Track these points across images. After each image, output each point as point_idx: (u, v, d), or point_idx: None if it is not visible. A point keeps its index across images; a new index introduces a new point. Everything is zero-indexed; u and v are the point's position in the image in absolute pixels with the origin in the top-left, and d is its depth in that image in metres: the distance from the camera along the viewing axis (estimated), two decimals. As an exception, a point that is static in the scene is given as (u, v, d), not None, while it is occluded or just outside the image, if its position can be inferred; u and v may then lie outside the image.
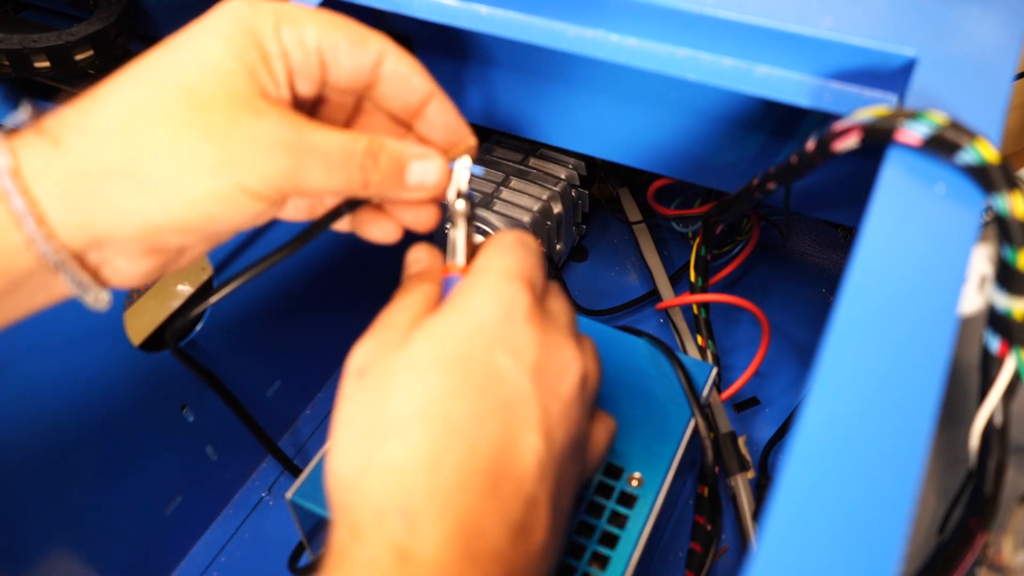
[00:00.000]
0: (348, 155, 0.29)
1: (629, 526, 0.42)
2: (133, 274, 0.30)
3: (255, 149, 0.27)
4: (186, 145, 0.26)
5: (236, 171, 0.27)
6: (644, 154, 0.48)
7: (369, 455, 0.27)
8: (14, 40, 0.47)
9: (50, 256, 0.27)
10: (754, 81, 0.35)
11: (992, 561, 0.31)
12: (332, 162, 0.28)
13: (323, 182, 0.28)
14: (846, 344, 0.23)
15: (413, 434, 0.26)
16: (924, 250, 0.25)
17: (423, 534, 0.25)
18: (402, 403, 0.27)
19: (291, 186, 0.28)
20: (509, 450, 0.27)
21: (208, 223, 0.28)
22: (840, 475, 0.21)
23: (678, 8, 0.35)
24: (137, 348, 0.48)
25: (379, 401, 0.27)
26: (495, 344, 0.28)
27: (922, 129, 0.27)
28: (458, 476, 0.26)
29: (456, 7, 0.39)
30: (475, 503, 0.26)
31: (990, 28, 0.34)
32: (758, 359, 0.55)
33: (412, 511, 0.25)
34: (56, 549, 0.46)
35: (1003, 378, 0.26)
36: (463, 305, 0.29)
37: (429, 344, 0.28)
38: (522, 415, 0.28)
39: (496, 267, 0.30)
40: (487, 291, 0.29)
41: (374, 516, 0.26)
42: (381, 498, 0.26)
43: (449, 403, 0.27)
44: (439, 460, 0.26)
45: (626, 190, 0.71)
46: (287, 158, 0.27)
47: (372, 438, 0.27)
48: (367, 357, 0.29)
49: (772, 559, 0.20)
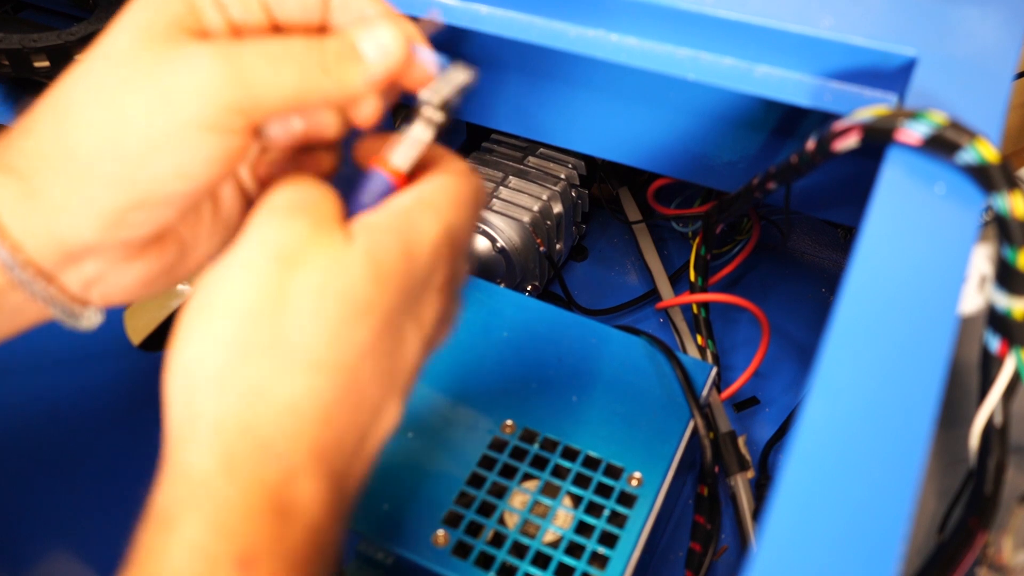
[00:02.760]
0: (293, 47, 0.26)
1: (629, 526, 0.42)
2: (129, 284, 0.29)
3: (185, 71, 0.25)
4: (113, 102, 0.25)
5: (173, 105, 0.25)
6: (644, 154, 0.48)
7: (260, 376, 0.24)
8: (14, 40, 0.47)
9: (17, 273, 0.26)
10: (754, 81, 0.35)
11: (992, 561, 0.31)
12: (276, 55, 0.26)
13: (276, 81, 0.26)
14: (846, 344, 0.23)
15: (320, 378, 0.24)
16: (924, 250, 0.25)
17: (302, 489, 0.24)
18: (316, 335, 0.24)
19: (244, 98, 0.25)
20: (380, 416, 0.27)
21: (167, 180, 0.25)
22: (840, 475, 0.21)
23: (678, 8, 0.35)
24: (137, 348, 0.48)
25: (286, 310, 0.24)
26: (412, 307, 0.27)
27: (922, 129, 0.27)
28: (340, 436, 0.25)
29: (456, 7, 0.39)
30: (345, 465, 0.25)
31: (990, 28, 0.34)
32: (758, 359, 0.55)
33: (295, 462, 0.24)
34: (56, 549, 0.46)
35: (1003, 378, 0.26)
36: (410, 248, 0.26)
37: (371, 280, 0.25)
38: (399, 384, 0.27)
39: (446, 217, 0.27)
40: (432, 243, 0.27)
41: (255, 455, 0.23)
42: (266, 436, 0.24)
43: (362, 361, 0.25)
44: (330, 415, 0.25)
45: (626, 190, 0.71)
46: (224, 66, 0.25)
47: (269, 355, 0.24)
48: (297, 242, 0.25)
49: (772, 559, 0.20)
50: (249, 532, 0.23)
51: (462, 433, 0.46)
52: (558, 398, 0.48)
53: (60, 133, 0.26)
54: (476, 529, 0.42)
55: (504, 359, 0.50)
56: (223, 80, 0.25)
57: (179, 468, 0.24)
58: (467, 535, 0.42)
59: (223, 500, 0.23)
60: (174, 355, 0.25)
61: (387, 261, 0.26)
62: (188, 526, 0.23)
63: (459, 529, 0.42)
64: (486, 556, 0.41)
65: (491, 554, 0.41)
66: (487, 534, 0.42)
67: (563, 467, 0.44)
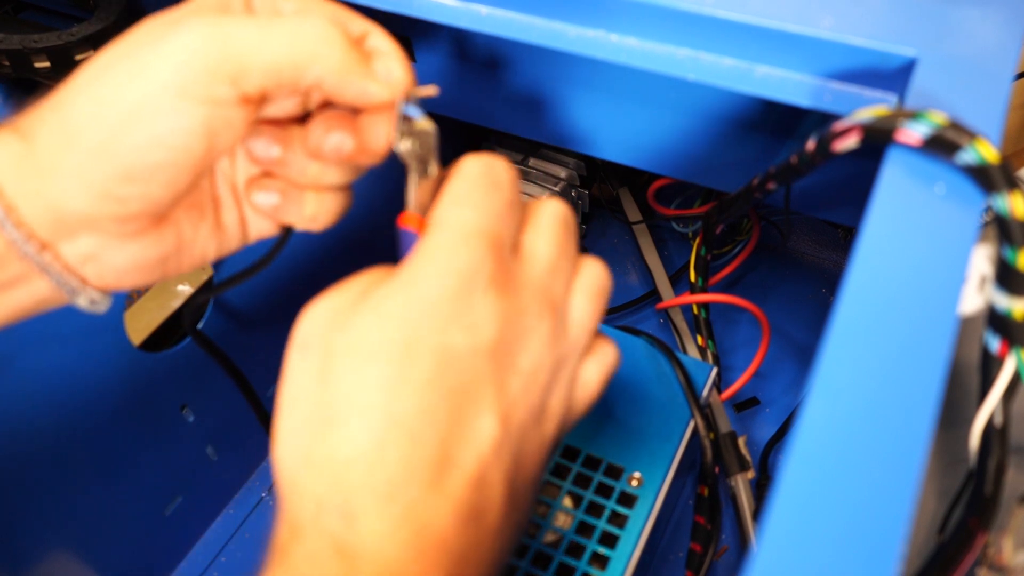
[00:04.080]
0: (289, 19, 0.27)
1: (629, 526, 0.42)
2: (123, 266, 0.29)
3: (165, 42, 0.25)
4: (100, 76, 0.26)
5: (146, 71, 0.25)
6: (644, 154, 0.48)
7: (310, 447, 0.25)
8: (14, 40, 0.47)
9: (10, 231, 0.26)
10: (754, 81, 0.35)
11: (992, 561, 0.31)
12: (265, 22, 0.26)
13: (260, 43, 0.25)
14: (846, 344, 0.23)
15: (354, 427, 0.25)
16: (924, 250, 0.25)
17: (364, 529, 0.24)
18: (343, 393, 0.25)
19: (218, 61, 0.25)
20: (458, 437, 0.25)
21: (147, 149, 0.26)
22: (840, 475, 0.21)
23: (678, 8, 0.35)
24: (137, 348, 0.48)
25: (321, 386, 0.26)
26: (447, 323, 0.25)
27: (922, 129, 0.27)
28: (400, 468, 0.24)
29: (456, 7, 0.39)
30: (418, 494, 0.24)
31: (990, 28, 0.34)
32: (758, 359, 0.55)
33: (351, 506, 0.24)
34: (56, 549, 0.46)
35: (1003, 378, 0.26)
36: (413, 276, 0.26)
37: (374, 325, 0.25)
38: (475, 398, 0.26)
39: (452, 222, 0.26)
40: (439, 258, 0.26)
41: (313, 512, 0.25)
42: (320, 493, 0.25)
43: (392, 394, 0.25)
44: (380, 454, 0.24)
45: (626, 190, 0.71)
46: (203, 30, 0.25)
47: (313, 428, 0.25)
48: (313, 329, 0.26)
49: (772, 559, 0.20)
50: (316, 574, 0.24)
51: (462, 433, 0.46)
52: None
53: (60, 103, 0.26)
54: (476, 529, 0.42)
55: (504, 359, 0.50)
56: (202, 44, 0.25)
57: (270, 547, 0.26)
58: (467, 535, 0.42)
59: (293, 555, 0.24)
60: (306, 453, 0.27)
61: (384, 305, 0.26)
62: None
63: (459, 529, 0.42)
64: (486, 556, 0.41)
65: (491, 554, 0.41)
66: (487, 534, 0.42)
67: (563, 467, 0.44)
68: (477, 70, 0.49)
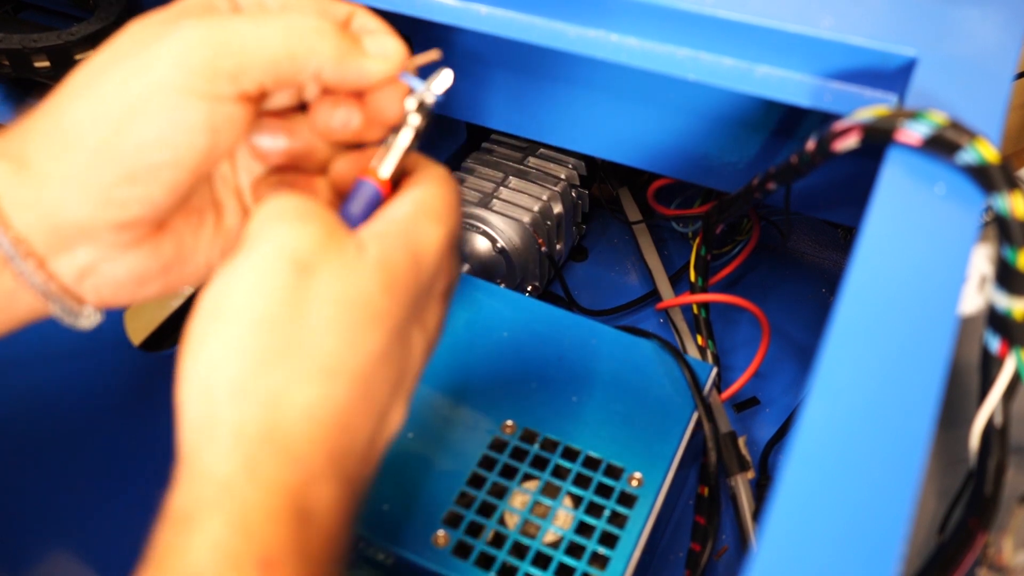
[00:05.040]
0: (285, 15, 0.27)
1: (629, 526, 0.42)
2: (123, 279, 0.28)
3: (165, 41, 0.25)
4: (99, 78, 0.26)
5: (147, 69, 0.25)
6: (644, 154, 0.48)
7: (282, 387, 0.24)
8: (14, 40, 0.47)
9: (7, 249, 0.25)
10: (754, 81, 0.35)
11: (992, 561, 0.31)
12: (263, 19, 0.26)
13: (258, 39, 0.26)
14: (846, 344, 0.23)
15: (336, 387, 0.25)
16: (924, 250, 0.25)
17: (322, 494, 0.24)
18: (338, 345, 0.25)
19: (218, 58, 0.25)
20: (387, 421, 0.27)
21: (150, 149, 0.25)
22: (840, 475, 0.21)
23: (678, 8, 0.35)
24: (137, 348, 0.48)
25: (304, 317, 0.24)
26: (420, 312, 0.28)
27: (922, 129, 0.27)
28: (354, 441, 0.26)
29: (456, 7, 0.39)
30: (359, 469, 0.26)
31: (990, 28, 0.34)
32: (758, 359, 0.55)
33: (316, 468, 0.24)
34: (56, 549, 0.46)
35: (1003, 378, 0.26)
36: (418, 257, 0.27)
37: (385, 289, 0.26)
38: (405, 389, 0.28)
39: (445, 223, 0.28)
40: (437, 251, 0.28)
41: (275, 460, 0.24)
42: (288, 443, 0.24)
43: (376, 366, 0.26)
44: (349, 421, 0.25)
45: (626, 190, 0.71)
46: (201, 29, 0.25)
47: (291, 366, 0.24)
48: (312, 248, 0.25)
49: (772, 559, 0.20)
50: (271, 534, 0.23)
51: (462, 433, 0.46)
52: (558, 398, 0.48)
53: (54, 109, 0.26)
54: (476, 529, 0.42)
55: (504, 359, 0.50)
56: (201, 42, 0.25)
57: (199, 470, 0.24)
58: (467, 535, 0.42)
59: (246, 502, 0.23)
60: (187, 359, 0.25)
61: (398, 270, 0.26)
62: (210, 526, 0.23)
63: (459, 529, 0.42)
64: (486, 556, 0.41)
65: (491, 554, 0.41)
66: (487, 534, 0.42)
67: (563, 467, 0.44)
68: (477, 70, 0.49)
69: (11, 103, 0.53)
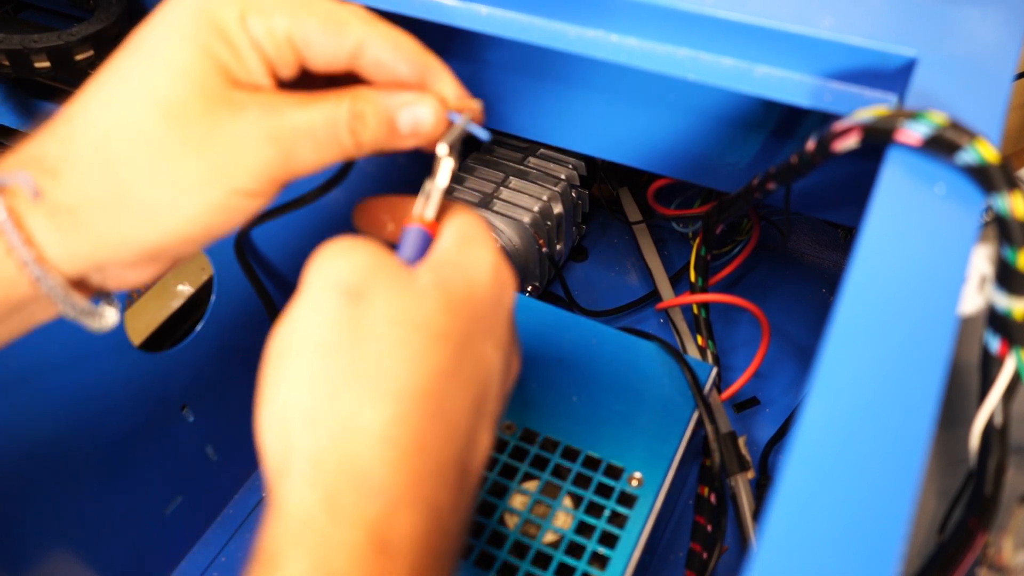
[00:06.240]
0: (334, 124, 0.27)
1: (629, 526, 0.42)
2: (136, 280, 0.29)
3: (241, 151, 0.26)
4: (169, 165, 0.26)
5: (226, 178, 0.26)
6: (644, 154, 0.48)
7: (352, 412, 0.24)
8: (14, 40, 0.47)
9: (47, 285, 0.26)
10: (754, 81, 0.35)
11: (992, 561, 0.31)
12: (320, 137, 0.27)
13: (315, 159, 0.27)
14: (846, 344, 0.23)
15: (405, 407, 0.24)
16: (924, 250, 0.25)
17: (401, 526, 0.23)
18: (402, 366, 0.25)
19: (284, 174, 0.27)
20: (473, 445, 0.26)
21: (208, 233, 0.27)
22: (840, 475, 0.21)
23: (678, 8, 0.35)
24: (137, 348, 0.48)
25: (376, 347, 0.25)
26: (490, 329, 0.27)
27: (922, 129, 0.27)
28: (435, 465, 0.24)
29: (456, 7, 0.39)
30: (446, 498, 0.25)
31: (990, 28, 0.34)
32: (758, 359, 0.55)
33: (395, 498, 0.24)
34: (56, 549, 0.46)
35: (1003, 378, 0.26)
36: (471, 276, 0.27)
37: (443, 308, 0.26)
38: (488, 410, 0.27)
39: (489, 244, 0.29)
40: (488, 268, 0.28)
41: (355, 494, 0.23)
42: (365, 475, 0.24)
43: (447, 383, 0.25)
44: (422, 443, 0.24)
45: (626, 190, 0.71)
46: (274, 149, 0.26)
47: (358, 390, 0.24)
48: (361, 276, 0.26)
49: (772, 559, 0.20)
50: (352, 571, 0.23)
51: (462, 433, 0.46)
52: (558, 398, 0.48)
53: (109, 178, 0.26)
54: (476, 529, 0.42)
55: (504, 359, 0.50)
56: (273, 162, 0.27)
57: (282, 507, 0.24)
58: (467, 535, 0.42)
59: (326, 539, 0.23)
60: (264, 404, 0.26)
61: (454, 290, 0.27)
62: (293, 565, 0.23)
63: (459, 529, 0.42)
64: (486, 556, 0.41)
65: (491, 554, 0.41)
66: (487, 534, 0.42)
67: (563, 467, 0.45)
68: (477, 70, 0.49)
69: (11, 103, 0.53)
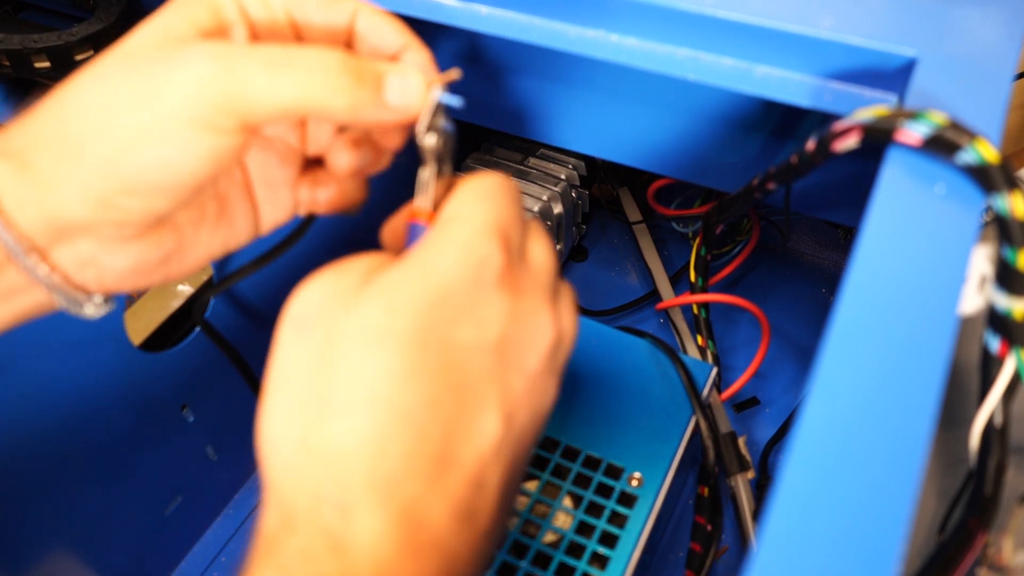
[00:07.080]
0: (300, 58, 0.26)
1: (629, 526, 0.42)
2: (123, 269, 0.29)
3: (178, 68, 0.26)
4: (107, 95, 0.26)
5: (157, 98, 0.25)
6: (644, 154, 0.48)
7: (306, 433, 0.24)
8: (14, 40, 0.47)
9: (11, 245, 0.26)
10: (754, 81, 0.35)
11: (992, 561, 0.31)
12: (276, 62, 0.26)
13: (269, 86, 0.26)
14: (846, 344, 0.23)
15: (357, 417, 0.24)
16: (924, 250, 0.25)
17: (360, 525, 0.23)
18: (346, 380, 0.24)
19: (236, 102, 0.26)
20: (462, 433, 0.25)
21: (153, 170, 0.26)
22: (840, 475, 0.21)
23: (678, 8, 0.35)
24: (137, 348, 0.48)
25: (321, 370, 0.25)
26: (458, 315, 0.25)
27: (922, 129, 0.27)
28: (402, 463, 0.24)
29: (456, 7, 0.39)
30: (418, 491, 0.24)
31: (990, 28, 0.34)
32: (758, 359, 0.55)
33: (349, 501, 0.23)
34: (56, 549, 0.46)
35: (1003, 378, 0.26)
36: (426, 264, 0.25)
37: (383, 311, 0.25)
38: (481, 396, 0.25)
39: (467, 217, 0.26)
40: (454, 248, 0.26)
41: (308, 504, 0.24)
42: (317, 485, 0.24)
43: (400, 385, 0.24)
44: (382, 447, 0.24)
45: (626, 190, 0.71)
46: (214, 66, 0.25)
47: (311, 413, 0.24)
48: (312, 308, 0.26)
49: (772, 559, 0.20)
50: (310, 571, 0.23)
51: (462, 433, 0.46)
52: (559, 398, 0.48)
53: (59, 117, 0.26)
54: (476, 529, 0.42)
55: (504, 359, 0.50)
56: (212, 80, 0.25)
57: (258, 533, 0.25)
58: (467, 535, 0.42)
59: (285, 548, 0.24)
60: (260, 436, 0.26)
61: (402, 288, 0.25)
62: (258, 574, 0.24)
63: (459, 529, 0.42)
64: (486, 556, 0.41)
65: (491, 554, 0.41)
66: (487, 534, 0.42)
67: (563, 467, 0.45)
68: (477, 70, 0.49)
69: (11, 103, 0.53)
